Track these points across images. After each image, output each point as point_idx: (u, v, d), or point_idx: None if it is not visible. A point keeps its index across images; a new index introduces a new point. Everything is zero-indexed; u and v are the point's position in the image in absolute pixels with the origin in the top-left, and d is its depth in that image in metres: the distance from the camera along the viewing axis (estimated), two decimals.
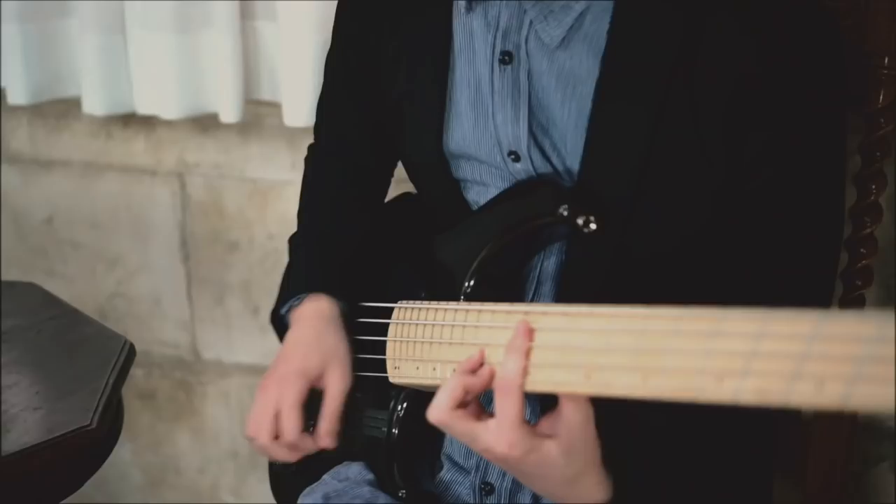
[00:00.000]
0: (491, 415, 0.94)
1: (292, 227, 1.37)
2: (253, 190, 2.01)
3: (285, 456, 1.18)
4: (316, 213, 1.36)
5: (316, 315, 1.22)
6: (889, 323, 0.68)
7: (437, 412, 0.96)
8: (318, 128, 1.41)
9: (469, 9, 1.13)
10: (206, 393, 2.16)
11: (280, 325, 1.28)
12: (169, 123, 1.95)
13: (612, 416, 0.95)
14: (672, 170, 1.05)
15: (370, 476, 1.20)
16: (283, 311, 1.26)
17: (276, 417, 1.16)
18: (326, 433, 1.17)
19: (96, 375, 1.32)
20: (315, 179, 1.39)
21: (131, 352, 1.40)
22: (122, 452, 2.23)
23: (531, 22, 1.08)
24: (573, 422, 0.92)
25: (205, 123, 1.95)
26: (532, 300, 1.16)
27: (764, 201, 1.06)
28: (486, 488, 1.17)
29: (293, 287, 1.26)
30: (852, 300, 1.39)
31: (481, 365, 0.98)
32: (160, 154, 2.03)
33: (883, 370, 0.68)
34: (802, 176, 1.05)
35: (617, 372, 0.87)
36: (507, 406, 0.92)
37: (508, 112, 1.11)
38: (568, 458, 0.93)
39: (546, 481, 0.96)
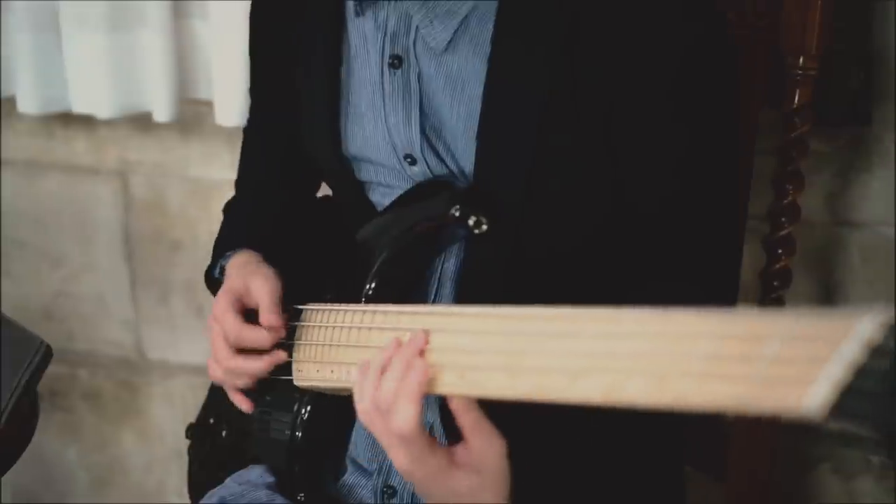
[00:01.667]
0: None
1: None
2: (195, 189, 2.00)
3: (249, 368, 1.15)
4: (249, 189, 1.39)
5: (244, 258, 1.21)
6: (727, 319, 0.68)
7: (361, 407, 0.95)
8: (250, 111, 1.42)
9: (359, 12, 1.13)
10: (151, 393, 2.15)
11: (215, 287, 1.27)
12: (110, 123, 1.94)
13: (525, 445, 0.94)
14: (560, 172, 1.04)
15: (271, 479, 1.19)
16: (216, 273, 1.26)
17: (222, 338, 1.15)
18: (266, 320, 1.12)
19: (8, 377, 1.31)
20: (248, 167, 1.41)
21: (47, 353, 1.38)
22: (68, 453, 2.22)
23: (417, 26, 1.08)
24: (483, 451, 0.91)
25: (145, 123, 1.93)
26: (434, 301, 1.15)
27: (653, 202, 1.05)
28: (389, 491, 1.17)
29: (224, 247, 1.27)
30: (771, 301, 1.39)
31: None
32: (102, 153, 2.02)
33: (718, 367, 0.67)
34: (690, 175, 1.05)
35: (488, 372, 0.87)
36: (411, 452, 0.91)
37: (400, 116, 1.11)
38: (478, 490, 0.92)
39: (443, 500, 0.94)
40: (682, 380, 0.69)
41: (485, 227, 1.05)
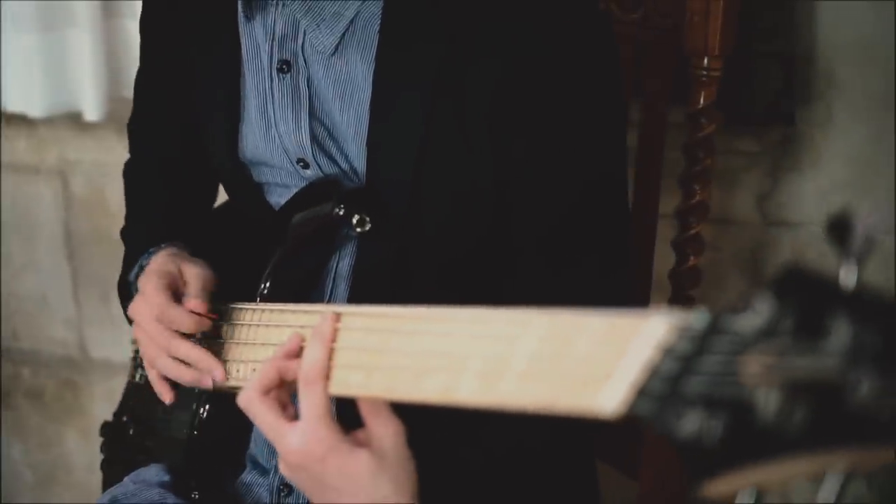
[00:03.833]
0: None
1: None
2: None
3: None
4: (145, 204, 1.35)
5: (173, 249, 1.18)
6: (546, 319, 0.68)
7: (246, 393, 0.92)
8: (133, 147, 1.39)
9: (248, 17, 1.13)
10: (94, 392, 2.16)
11: (127, 295, 1.24)
12: (49, 122, 1.95)
13: (436, 453, 0.92)
14: (446, 172, 1.05)
15: (166, 478, 1.20)
16: (131, 276, 1.23)
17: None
18: (191, 305, 1.10)
19: None
20: (138, 190, 1.38)
21: None
22: (13, 452, 2.22)
23: (305, 30, 1.08)
24: (383, 435, 0.87)
25: (84, 122, 1.94)
26: (329, 300, 1.16)
27: (539, 204, 1.06)
28: (285, 490, 1.17)
29: (138, 250, 1.23)
30: (681, 300, 1.39)
31: (300, 350, 0.92)
32: (42, 153, 2.03)
33: (537, 366, 0.67)
34: (575, 177, 1.05)
35: (350, 370, 0.87)
36: (312, 398, 0.87)
37: (290, 121, 1.12)
38: (377, 474, 0.86)
39: (346, 498, 0.88)
40: (506, 380, 0.69)
41: (368, 226, 1.06)
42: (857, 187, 1.69)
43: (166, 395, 1.14)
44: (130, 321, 1.26)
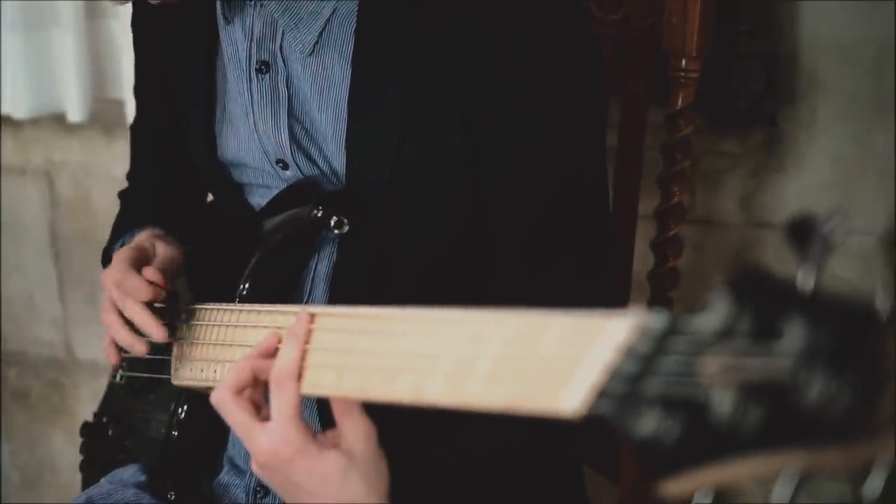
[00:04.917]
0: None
1: None
2: (120, 188, 2.00)
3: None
4: (143, 189, 1.40)
5: (156, 230, 1.22)
6: (512, 320, 0.68)
7: (219, 391, 0.92)
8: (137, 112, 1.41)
9: (228, 20, 1.13)
10: (80, 393, 2.16)
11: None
12: (35, 123, 1.95)
13: (410, 453, 0.93)
14: (423, 173, 1.05)
15: (142, 478, 1.20)
16: (115, 248, 1.26)
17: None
18: (147, 273, 1.12)
19: None
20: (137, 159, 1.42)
21: None
22: (1, 453, 2.22)
23: (283, 30, 1.08)
24: (353, 436, 0.87)
25: (70, 123, 1.94)
26: (307, 301, 1.16)
27: (516, 203, 1.06)
28: (262, 491, 1.17)
29: (126, 224, 1.29)
30: (661, 302, 1.39)
31: (276, 350, 0.92)
32: (28, 154, 2.03)
33: (504, 367, 0.68)
34: (551, 176, 1.05)
35: (322, 370, 0.87)
36: (284, 398, 0.87)
37: (269, 121, 1.12)
38: (347, 475, 0.87)
39: (316, 499, 0.88)
40: (472, 381, 0.69)
41: (346, 227, 1.06)
42: (841, 188, 1.69)
43: (113, 357, 1.20)
44: None
